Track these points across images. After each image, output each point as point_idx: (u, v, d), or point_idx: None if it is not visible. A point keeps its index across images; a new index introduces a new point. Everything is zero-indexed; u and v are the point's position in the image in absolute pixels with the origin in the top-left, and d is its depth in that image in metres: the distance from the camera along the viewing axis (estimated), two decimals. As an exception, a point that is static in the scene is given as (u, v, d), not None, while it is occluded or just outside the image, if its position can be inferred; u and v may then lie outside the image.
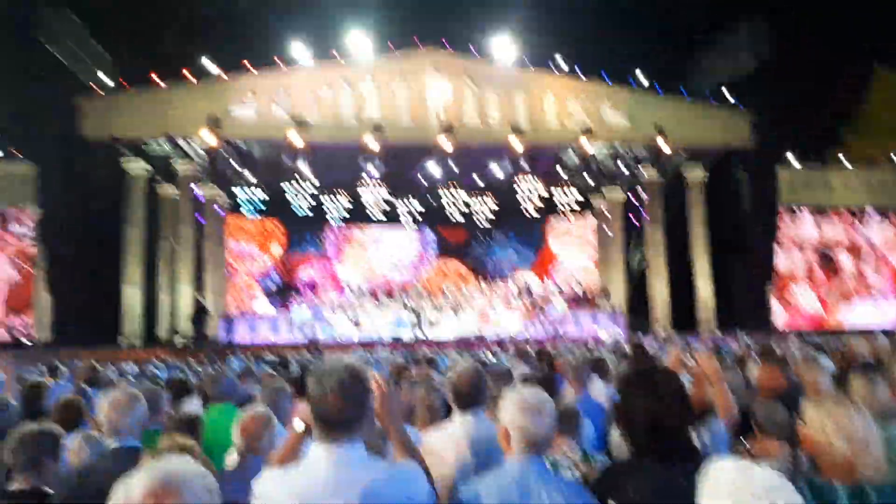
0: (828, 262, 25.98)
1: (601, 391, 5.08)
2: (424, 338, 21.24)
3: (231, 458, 3.02)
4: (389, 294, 26.02)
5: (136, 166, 21.32)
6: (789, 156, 25.27)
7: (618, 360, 7.91)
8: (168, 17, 23.50)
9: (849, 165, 26.98)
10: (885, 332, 12.50)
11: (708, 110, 22.73)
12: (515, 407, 2.21)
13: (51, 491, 2.67)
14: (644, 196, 24.25)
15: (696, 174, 23.53)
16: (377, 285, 27.50)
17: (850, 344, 6.62)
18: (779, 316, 24.63)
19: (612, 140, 22.40)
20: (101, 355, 13.72)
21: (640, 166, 23.32)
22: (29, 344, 20.72)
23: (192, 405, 5.39)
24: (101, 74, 20.40)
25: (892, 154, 27.37)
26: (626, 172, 23.77)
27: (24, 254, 21.98)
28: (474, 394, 2.88)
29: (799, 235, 25.79)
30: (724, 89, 22.75)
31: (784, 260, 25.21)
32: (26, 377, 7.23)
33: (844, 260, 26.08)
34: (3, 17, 19.91)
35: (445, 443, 2.75)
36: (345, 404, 1.92)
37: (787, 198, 24.79)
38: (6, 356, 5.20)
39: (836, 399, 2.15)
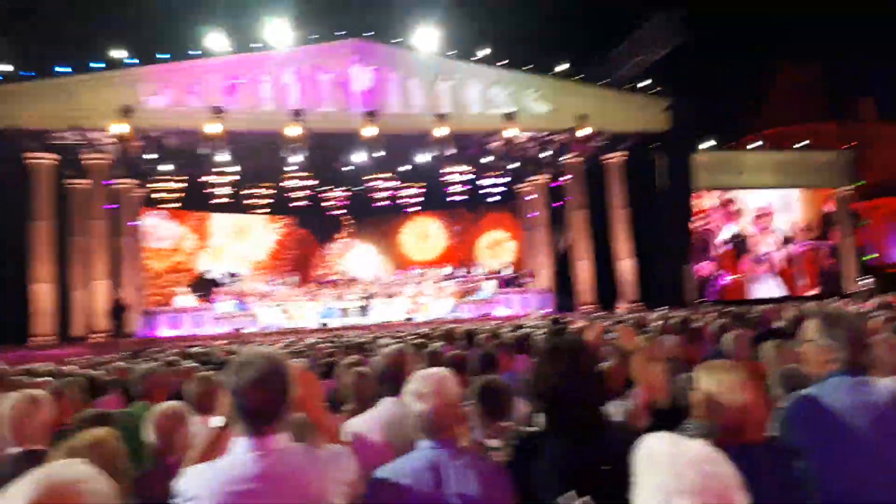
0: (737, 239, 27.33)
1: (527, 369, 5.15)
2: (351, 325, 21.11)
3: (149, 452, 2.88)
4: (318, 283, 25.75)
5: (41, 158, 20.06)
6: (704, 140, 26.34)
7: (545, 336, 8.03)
8: (75, 4, 22.24)
9: (758, 149, 28.44)
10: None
11: (626, 97, 23.40)
12: (410, 394, 2.22)
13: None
14: (567, 180, 24.76)
15: (615, 158, 24.21)
16: (306, 275, 27.17)
17: (761, 312, 7.01)
18: (695, 290, 25.78)
19: (536, 127, 22.78)
20: (11, 357, 12.95)
21: (562, 152, 23.77)
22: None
23: (108, 404, 5.16)
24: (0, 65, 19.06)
25: (797, 138, 29.03)
26: (550, 158, 24.20)
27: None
28: (395, 377, 2.86)
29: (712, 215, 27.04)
30: (643, 76, 23.52)
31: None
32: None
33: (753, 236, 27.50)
34: None
35: (368, 427, 2.72)
36: (265, 395, 1.88)
37: (703, 180, 25.76)
38: None
39: (729, 363, 2.24)
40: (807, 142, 29.28)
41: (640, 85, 23.53)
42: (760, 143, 29.73)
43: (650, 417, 3.40)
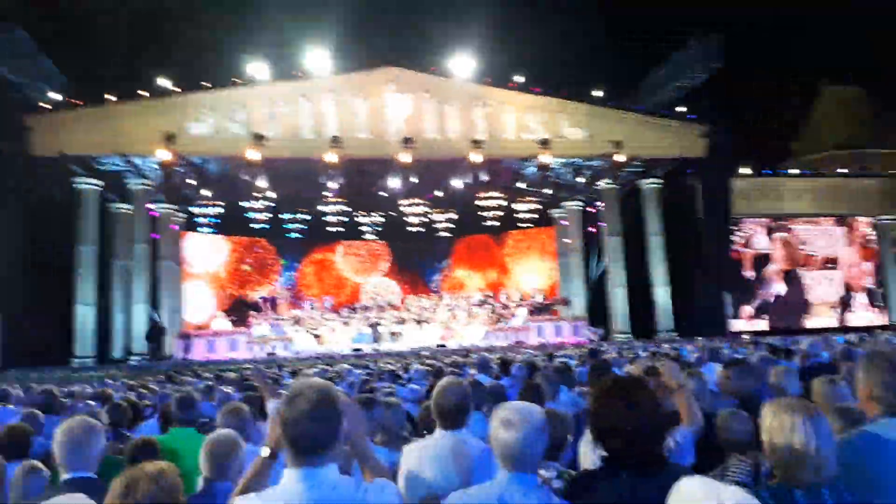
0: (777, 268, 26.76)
1: (567, 401, 5.05)
2: (384, 350, 21.08)
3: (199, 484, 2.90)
4: (351, 308, 25.85)
5: (88, 184, 20.70)
6: (742, 166, 25.95)
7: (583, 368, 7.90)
8: (122, 35, 23.10)
9: (798, 175, 27.90)
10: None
11: (662, 123, 23.24)
12: (497, 422, 2.19)
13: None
14: (601, 206, 24.58)
15: (651, 184, 24.00)
16: (338, 299, 27.30)
17: (805, 347, 6.77)
18: (735, 321, 25.23)
19: (570, 153, 22.74)
20: (52, 377, 13.25)
21: (597, 178, 23.64)
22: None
23: (148, 428, 5.22)
24: (51, 92, 19.87)
25: (839, 164, 28.41)
26: (584, 184, 24.08)
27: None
28: (459, 411, 2.83)
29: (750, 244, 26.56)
30: (679, 102, 23.39)
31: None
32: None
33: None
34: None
35: (425, 459, 2.69)
36: (318, 427, 1.89)
37: (741, 206, 25.36)
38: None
39: (794, 402, 2.16)
40: (847, 169, 28.67)
41: (676, 111, 23.38)
42: (798, 170, 29.20)
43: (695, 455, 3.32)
